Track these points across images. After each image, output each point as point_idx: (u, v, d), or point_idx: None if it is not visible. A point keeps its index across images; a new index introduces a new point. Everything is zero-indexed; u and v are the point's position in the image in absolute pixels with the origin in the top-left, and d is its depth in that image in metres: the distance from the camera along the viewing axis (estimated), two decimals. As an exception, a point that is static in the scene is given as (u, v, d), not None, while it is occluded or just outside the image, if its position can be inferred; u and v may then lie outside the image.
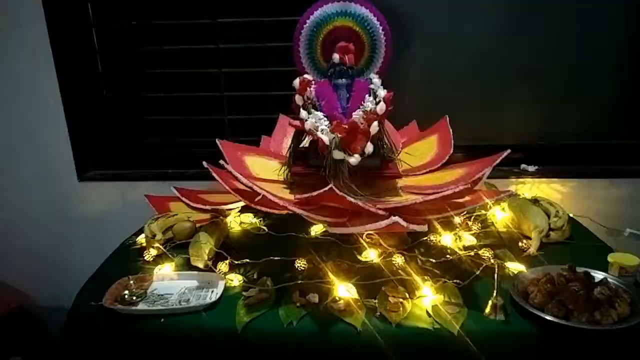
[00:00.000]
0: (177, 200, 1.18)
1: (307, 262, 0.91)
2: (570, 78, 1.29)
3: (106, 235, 1.11)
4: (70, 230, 1.42)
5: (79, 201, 1.40)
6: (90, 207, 1.40)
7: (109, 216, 1.38)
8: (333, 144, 0.90)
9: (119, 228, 1.11)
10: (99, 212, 1.40)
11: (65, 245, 1.43)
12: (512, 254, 0.94)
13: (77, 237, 1.42)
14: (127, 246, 1.04)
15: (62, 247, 1.44)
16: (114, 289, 0.83)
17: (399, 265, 0.90)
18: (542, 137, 1.34)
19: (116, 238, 1.09)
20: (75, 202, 1.40)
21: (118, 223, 1.19)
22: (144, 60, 1.40)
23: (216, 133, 1.42)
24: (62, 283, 1.15)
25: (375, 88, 0.97)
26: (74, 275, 0.96)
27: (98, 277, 0.92)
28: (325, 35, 1.01)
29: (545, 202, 1.06)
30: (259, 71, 1.36)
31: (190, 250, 0.93)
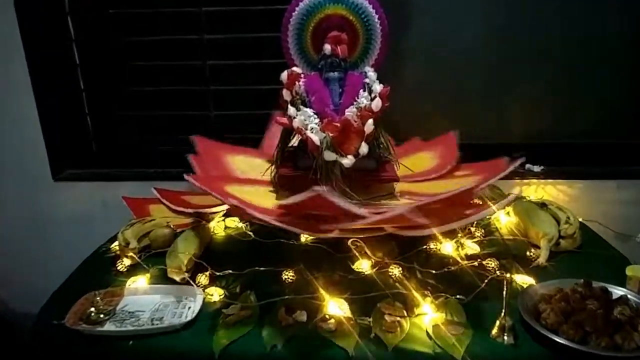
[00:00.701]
0: (159, 203, 1.10)
1: (296, 274, 0.83)
2: (577, 74, 1.22)
3: (83, 239, 1.02)
4: (44, 234, 1.33)
5: (54, 203, 1.31)
6: (66, 209, 1.31)
7: (86, 219, 1.30)
8: (324, 144, 0.82)
9: (97, 232, 1.03)
10: (75, 215, 1.31)
11: (40, 250, 1.34)
12: (519, 265, 0.86)
13: (53, 241, 1.33)
14: (100, 254, 0.95)
15: (37, 252, 1.35)
16: (79, 306, 0.75)
17: (396, 277, 0.82)
18: (547, 136, 1.26)
19: (94, 243, 1.01)
20: (49, 204, 1.31)
21: (96, 226, 1.11)
22: (124, 51, 1.31)
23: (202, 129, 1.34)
24: (35, 289, 1.05)
25: (370, 82, 0.89)
26: (48, 281, 0.87)
27: (65, 289, 0.84)
28: (315, 24, 0.92)
29: (554, 207, 0.98)
30: (246, 63, 1.27)
31: (167, 260, 0.85)
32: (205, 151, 0.95)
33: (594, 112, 1.24)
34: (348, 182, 0.83)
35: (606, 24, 1.18)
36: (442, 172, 1.00)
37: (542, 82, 1.22)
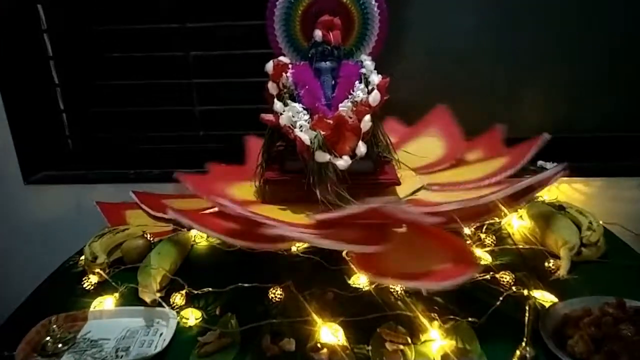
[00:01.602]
0: (136, 208, 1.00)
1: (284, 291, 0.73)
2: (594, 62, 1.11)
3: (56, 248, 0.93)
4: (13, 242, 1.23)
5: (24, 208, 1.20)
6: (38, 214, 1.21)
7: (60, 225, 1.20)
8: (315, 144, 0.71)
9: (72, 240, 0.92)
10: (48, 221, 1.21)
11: (8, 259, 1.24)
12: (537, 278, 0.76)
13: (22, 250, 1.23)
14: (66, 269, 0.85)
15: (4, 262, 1.25)
16: (34, 334, 0.65)
17: (398, 294, 0.72)
18: (562, 129, 1.16)
19: (68, 251, 0.91)
20: (20, 209, 1.20)
21: (70, 234, 1.01)
22: (101, 42, 1.21)
23: (185, 126, 1.25)
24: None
25: (367, 73, 0.78)
26: (14, 294, 0.79)
27: (23, 311, 0.74)
28: (305, 7, 0.82)
29: (574, 210, 0.88)
30: (234, 54, 1.17)
31: (138, 277, 0.75)
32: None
33: (612, 104, 1.14)
34: (343, 186, 0.73)
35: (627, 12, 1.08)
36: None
37: (557, 71, 1.13)
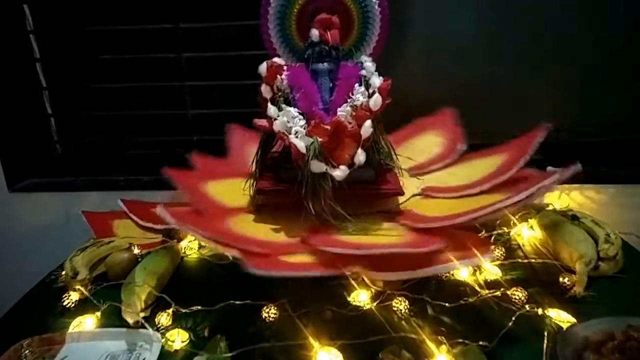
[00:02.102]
0: (125, 217, 0.95)
1: (278, 309, 0.68)
2: (605, 62, 1.06)
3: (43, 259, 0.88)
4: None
5: (9, 217, 1.15)
6: (23, 223, 1.16)
7: (47, 235, 1.14)
8: (311, 152, 0.66)
9: (59, 250, 0.87)
10: (34, 231, 1.15)
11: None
12: (552, 295, 0.71)
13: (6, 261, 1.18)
14: (47, 284, 0.80)
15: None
16: (7, 358, 0.60)
17: (402, 313, 0.67)
18: (571, 133, 1.11)
19: (55, 263, 0.86)
20: (4, 218, 1.15)
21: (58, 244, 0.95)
22: (90, 43, 1.16)
23: (178, 130, 1.20)
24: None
25: (367, 75, 0.73)
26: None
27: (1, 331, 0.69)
28: (301, 5, 0.76)
29: (589, 220, 0.83)
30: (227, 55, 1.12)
31: (122, 295, 0.70)
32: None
33: (625, 105, 1.08)
34: (340, 197, 0.67)
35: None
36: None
37: (565, 72, 1.07)
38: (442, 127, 0.95)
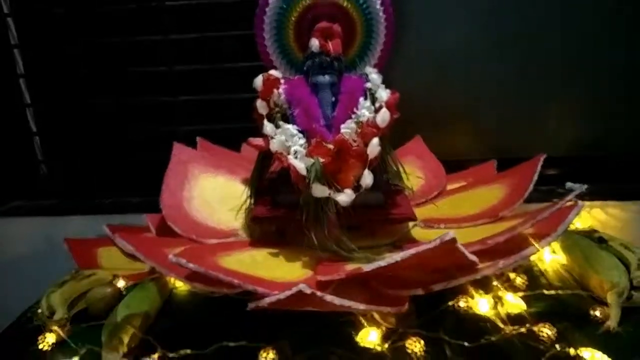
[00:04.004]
0: (111, 244, 0.88)
1: (277, 353, 0.60)
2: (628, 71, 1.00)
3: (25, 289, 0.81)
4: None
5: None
6: (5, 251, 1.08)
7: (29, 264, 1.07)
8: (312, 174, 0.59)
9: (43, 280, 0.80)
10: (15, 257, 1.08)
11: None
12: (582, 330, 0.63)
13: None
14: (23, 322, 0.73)
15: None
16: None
17: (417, 356, 0.59)
18: (592, 147, 1.04)
19: (37, 293, 0.78)
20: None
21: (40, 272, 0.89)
22: (75, 57, 1.10)
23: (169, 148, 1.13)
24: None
25: (373, 88, 0.66)
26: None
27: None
28: (300, 13, 0.70)
29: (617, 243, 0.75)
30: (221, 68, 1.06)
31: (102, 337, 0.62)
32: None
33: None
34: (346, 224, 0.60)
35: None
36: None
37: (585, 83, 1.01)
38: (418, 158, 0.91)
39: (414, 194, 0.74)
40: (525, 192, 0.70)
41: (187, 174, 0.76)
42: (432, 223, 0.70)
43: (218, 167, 0.80)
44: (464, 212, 0.71)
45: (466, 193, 0.78)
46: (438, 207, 0.74)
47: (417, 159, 0.90)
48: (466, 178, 0.86)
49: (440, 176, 0.84)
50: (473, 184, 0.80)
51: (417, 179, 0.82)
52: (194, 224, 0.70)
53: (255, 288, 0.50)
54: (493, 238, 0.53)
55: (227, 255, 0.59)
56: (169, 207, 0.70)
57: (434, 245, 0.44)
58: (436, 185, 0.81)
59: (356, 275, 0.51)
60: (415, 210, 0.69)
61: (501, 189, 0.73)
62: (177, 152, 0.78)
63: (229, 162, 0.82)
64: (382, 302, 0.51)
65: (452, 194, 0.79)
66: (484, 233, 0.58)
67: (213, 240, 0.68)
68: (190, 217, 0.71)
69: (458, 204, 0.75)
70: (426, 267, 0.53)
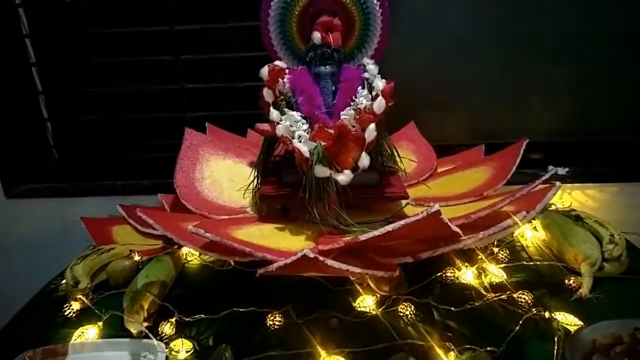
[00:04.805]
0: (124, 223, 0.94)
1: (283, 317, 0.67)
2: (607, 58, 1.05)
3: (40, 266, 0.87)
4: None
5: (5, 224, 1.14)
6: (20, 231, 1.14)
7: (44, 243, 1.13)
8: (315, 156, 0.65)
9: (57, 257, 0.86)
10: (31, 238, 1.14)
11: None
12: (557, 297, 0.70)
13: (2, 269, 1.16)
14: (47, 293, 0.79)
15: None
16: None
17: (408, 319, 0.66)
18: (573, 132, 1.10)
19: (52, 270, 0.85)
20: (1, 225, 1.14)
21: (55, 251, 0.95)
22: (85, 47, 1.14)
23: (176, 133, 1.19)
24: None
25: (370, 77, 0.72)
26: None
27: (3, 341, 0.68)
28: (302, 7, 0.75)
29: (592, 221, 0.82)
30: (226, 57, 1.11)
31: (124, 304, 0.69)
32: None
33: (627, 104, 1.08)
34: (345, 201, 0.67)
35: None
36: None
37: (565, 70, 1.06)
38: (411, 142, 0.97)
39: (407, 175, 0.80)
40: (508, 173, 0.76)
41: (199, 157, 0.82)
42: (423, 202, 0.76)
43: (226, 151, 0.86)
44: (452, 192, 0.77)
45: (455, 175, 0.84)
46: (429, 187, 0.80)
47: (410, 143, 0.96)
48: (455, 161, 0.92)
49: (431, 159, 0.90)
50: (461, 167, 0.86)
51: (410, 161, 0.88)
52: (205, 202, 0.76)
53: (265, 255, 0.56)
54: (476, 213, 0.59)
55: (237, 228, 0.65)
56: (183, 187, 0.76)
57: (421, 217, 0.51)
58: (427, 167, 0.87)
59: (353, 245, 0.57)
60: (408, 190, 0.75)
61: (486, 170, 0.79)
62: (189, 137, 0.84)
63: (237, 146, 0.88)
64: (376, 269, 0.57)
65: (442, 176, 0.85)
66: (469, 210, 0.64)
67: (223, 216, 0.74)
68: (202, 195, 0.77)
69: (447, 184, 0.81)
70: (415, 237, 0.60)
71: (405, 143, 0.96)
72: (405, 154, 0.89)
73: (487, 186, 0.75)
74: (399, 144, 0.89)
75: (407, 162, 0.88)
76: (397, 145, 0.81)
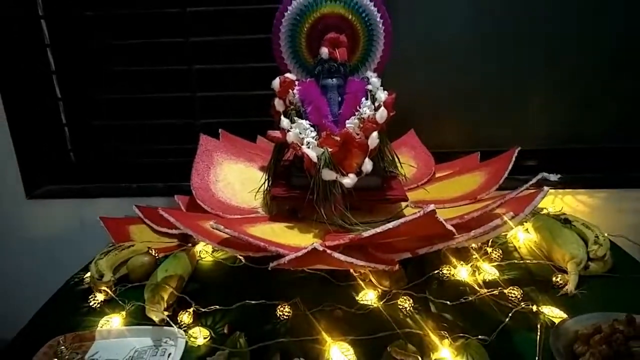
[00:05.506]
0: (140, 222, 0.99)
1: (292, 308, 0.73)
2: (597, 70, 1.12)
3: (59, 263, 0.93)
4: (16, 258, 1.22)
5: (27, 223, 1.20)
6: (40, 229, 1.20)
7: (63, 241, 1.19)
8: (322, 161, 0.71)
9: (74, 255, 0.92)
10: (51, 236, 1.20)
11: (10, 276, 1.23)
12: (545, 293, 0.76)
13: (24, 265, 1.22)
14: (72, 286, 0.85)
15: (5, 280, 1.24)
16: (42, 355, 0.65)
17: (407, 311, 0.72)
18: (564, 140, 1.16)
19: (70, 267, 0.90)
20: (23, 225, 1.20)
21: (73, 249, 1.01)
22: (103, 56, 1.21)
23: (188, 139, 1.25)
24: (1, 324, 0.97)
25: (373, 89, 0.79)
26: (15, 310, 0.81)
27: (29, 331, 0.74)
28: (311, 24, 0.81)
29: (580, 224, 0.88)
30: (236, 67, 1.17)
31: (145, 295, 0.75)
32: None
33: (615, 113, 1.14)
34: (349, 202, 0.73)
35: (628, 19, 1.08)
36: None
37: (557, 80, 1.13)
38: (411, 149, 1.03)
39: (407, 179, 0.86)
40: (500, 178, 0.82)
41: (213, 161, 0.88)
42: (421, 204, 0.82)
43: (238, 155, 0.92)
44: (448, 195, 0.83)
45: (451, 180, 0.90)
46: (427, 191, 0.86)
47: (410, 149, 1.02)
48: (452, 167, 0.98)
49: (430, 165, 0.96)
50: (458, 172, 0.92)
51: (410, 167, 0.94)
52: (219, 203, 0.82)
53: (278, 250, 0.62)
54: (469, 214, 0.65)
55: (251, 226, 0.71)
56: (198, 188, 0.82)
57: (418, 216, 0.56)
58: (426, 172, 0.93)
59: (357, 241, 0.63)
60: (408, 193, 0.81)
61: (481, 175, 0.85)
62: (204, 142, 0.90)
63: (248, 151, 0.94)
64: (378, 263, 0.63)
65: (439, 180, 0.91)
66: (463, 211, 0.70)
67: (237, 216, 0.80)
68: (217, 197, 0.83)
69: (444, 188, 0.87)
70: (413, 235, 0.66)
71: (406, 150, 1.02)
72: (405, 160, 0.95)
73: (480, 190, 0.81)
74: (400, 150, 0.95)
75: (407, 167, 0.94)
76: (397, 151, 0.87)
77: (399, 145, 1.01)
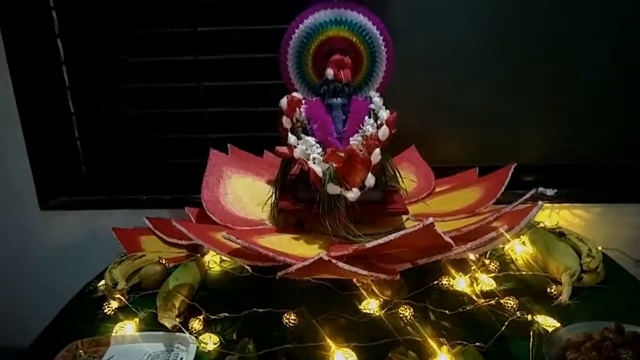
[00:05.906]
0: (150, 233, 1.04)
1: (297, 316, 0.76)
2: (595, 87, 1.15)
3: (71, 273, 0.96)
4: (29, 268, 1.26)
5: (40, 234, 1.24)
6: (54, 240, 1.24)
7: (75, 251, 1.23)
8: (327, 176, 0.75)
9: (86, 264, 0.96)
10: (64, 246, 1.24)
11: (24, 284, 1.27)
12: (540, 303, 0.79)
13: (37, 275, 1.26)
14: (86, 294, 0.88)
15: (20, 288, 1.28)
16: (62, 358, 0.68)
17: (407, 319, 0.75)
18: (561, 156, 1.20)
19: (82, 276, 0.94)
20: (36, 235, 1.24)
21: (84, 259, 1.05)
22: (115, 73, 1.25)
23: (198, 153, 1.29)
24: (18, 331, 1.01)
25: (375, 108, 0.83)
26: (30, 319, 0.84)
27: (47, 336, 0.77)
28: (317, 46, 0.86)
29: (574, 237, 0.92)
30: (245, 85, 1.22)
31: (157, 302, 0.78)
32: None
33: (611, 130, 1.17)
34: (353, 215, 0.77)
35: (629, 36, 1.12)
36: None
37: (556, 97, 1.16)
38: (412, 164, 1.07)
39: (407, 193, 0.90)
40: (497, 193, 0.86)
41: (222, 175, 0.92)
42: (421, 217, 0.86)
43: (246, 170, 0.96)
44: (447, 209, 0.87)
45: (450, 194, 0.94)
46: (427, 204, 0.90)
47: (411, 165, 1.06)
48: (452, 182, 1.02)
49: (430, 180, 1.00)
50: (456, 187, 0.96)
51: (411, 181, 0.98)
52: (229, 215, 0.86)
53: (285, 259, 0.65)
54: (466, 227, 0.69)
55: (260, 237, 0.75)
56: (208, 201, 0.86)
57: (418, 228, 0.60)
58: (426, 187, 0.97)
59: (360, 252, 0.67)
60: (408, 207, 0.85)
61: (478, 190, 0.89)
62: (214, 157, 0.94)
63: (255, 165, 0.99)
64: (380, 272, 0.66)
65: (439, 195, 0.95)
66: (461, 224, 0.74)
67: (245, 228, 0.84)
68: (226, 209, 0.87)
69: (443, 202, 0.91)
70: (413, 246, 0.69)
71: (407, 165, 1.06)
72: (406, 175, 0.99)
73: (478, 204, 0.85)
74: (401, 165, 1.00)
75: (408, 182, 0.98)
76: (399, 167, 0.92)
77: (400, 161, 1.05)
